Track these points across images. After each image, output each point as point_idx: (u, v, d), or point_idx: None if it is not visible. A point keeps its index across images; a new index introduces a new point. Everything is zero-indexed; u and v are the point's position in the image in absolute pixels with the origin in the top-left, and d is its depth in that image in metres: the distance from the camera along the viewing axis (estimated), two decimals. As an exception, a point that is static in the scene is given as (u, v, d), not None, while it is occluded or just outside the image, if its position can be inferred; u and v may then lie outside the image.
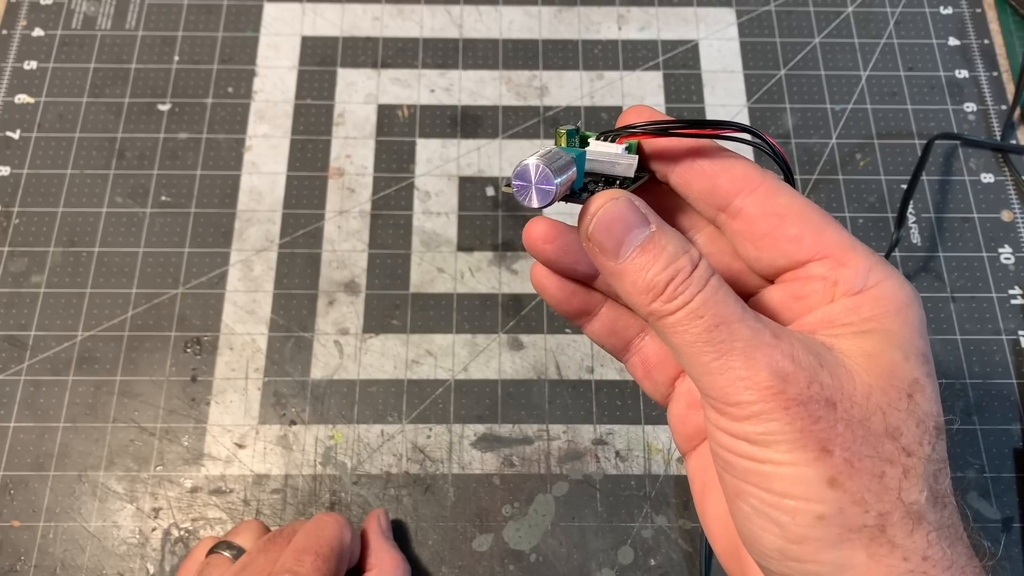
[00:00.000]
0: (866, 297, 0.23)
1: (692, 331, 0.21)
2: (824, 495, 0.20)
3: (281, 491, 0.42)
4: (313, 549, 0.34)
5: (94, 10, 0.54)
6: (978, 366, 0.45)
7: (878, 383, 0.21)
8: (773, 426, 0.20)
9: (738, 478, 0.22)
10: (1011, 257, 0.48)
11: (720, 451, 0.22)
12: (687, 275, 0.22)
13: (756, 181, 0.24)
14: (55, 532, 0.41)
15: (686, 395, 0.27)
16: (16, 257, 0.47)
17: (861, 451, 0.20)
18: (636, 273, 0.22)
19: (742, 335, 0.21)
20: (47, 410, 0.43)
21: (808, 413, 0.20)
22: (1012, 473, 0.43)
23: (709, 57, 0.53)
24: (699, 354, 0.21)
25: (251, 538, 0.37)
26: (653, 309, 0.22)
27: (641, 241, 0.22)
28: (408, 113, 0.52)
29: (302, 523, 0.37)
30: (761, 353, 0.21)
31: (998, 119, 0.51)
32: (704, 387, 0.22)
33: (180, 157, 0.50)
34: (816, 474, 0.20)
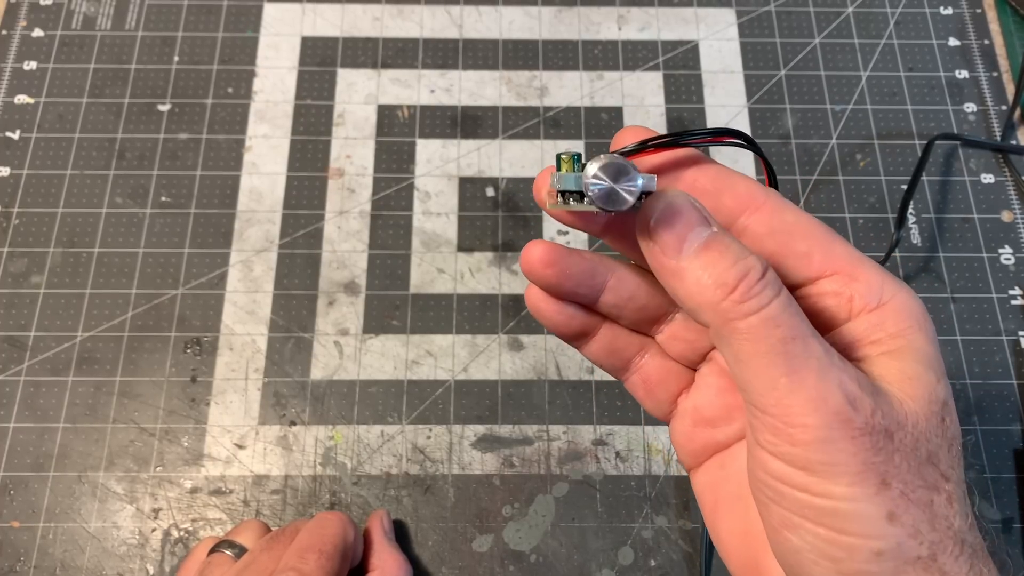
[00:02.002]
0: (887, 312, 0.22)
1: (767, 340, 0.20)
2: (884, 531, 0.19)
3: (281, 492, 0.42)
4: (317, 547, 0.34)
5: (94, 10, 0.54)
6: (978, 367, 0.45)
7: (921, 410, 0.21)
8: (837, 456, 0.19)
9: (789, 510, 0.21)
10: (1011, 258, 0.48)
11: (769, 480, 0.21)
12: (759, 275, 0.21)
13: (760, 199, 0.23)
14: (55, 533, 0.41)
15: (691, 412, 0.27)
16: (16, 258, 0.47)
17: (914, 482, 0.20)
18: (701, 271, 0.21)
19: (816, 352, 0.20)
20: (47, 411, 0.43)
21: (872, 444, 0.20)
22: (1012, 474, 0.43)
23: (709, 57, 0.53)
24: (769, 366, 0.20)
25: (253, 537, 0.37)
26: (724, 308, 0.21)
27: (704, 238, 0.21)
28: (408, 113, 0.51)
29: (304, 522, 0.37)
30: (833, 374, 0.20)
31: (998, 119, 0.51)
32: (765, 403, 0.20)
33: (180, 157, 0.50)
34: (877, 510, 0.19)
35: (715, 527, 0.26)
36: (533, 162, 0.50)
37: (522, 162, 0.50)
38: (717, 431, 0.26)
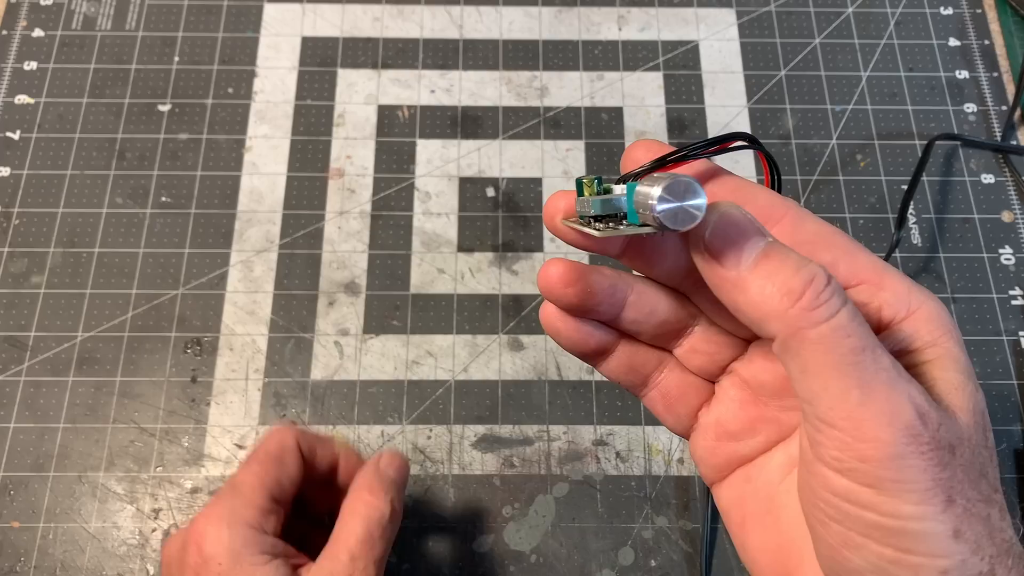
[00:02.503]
0: (919, 321, 0.22)
1: (837, 351, 0.19)
2: (950, 549, 0.19)
3: (281, 492, 0.42)
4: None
5: (94, 11, 0.54)
6: (979, 367, 0.45)
7: (972, 422, 0.20)
8: (908, 473, 0.19)
9: (852, 530, 0.20)
10: (1011, 258, 0.48)
11: (832, 499, 0.20)
12: (824, 283, 0.20)
13: (781, 210, 0.23)
14: (55, 533, 0.41)
15: (713, 426, 0.26)
16: (16, 258, 0.47)
17: (974, 496, 0.20)
18: (764, 280, 0.20)
19: (885, 364, 0.20)
20: (47, 411, 0.43)
21: (939, 460, 0.19)
22: (1013, 474, 0.43)
23: (709, 58, 0.53)
24: (841, 377, 0.19)
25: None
26: (793, 316, 0.20)
27: (762, 248, 0.21)
28: (408, 114, 0.51)
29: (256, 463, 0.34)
30: (902, 387, 0.19)
31: (998, 120, 0.51)
32: (835, 417, 0.20)
33: (180, 158, 0.50)
34: (944, 528, 0.19)
35: (744, 542, 0.25)
36: (533, 162, 0.50)
37: (522, 162, 0.50)
38: (741, 444, 0.25)
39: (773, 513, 0.24)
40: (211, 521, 0.31)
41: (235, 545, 0.30)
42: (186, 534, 0.31)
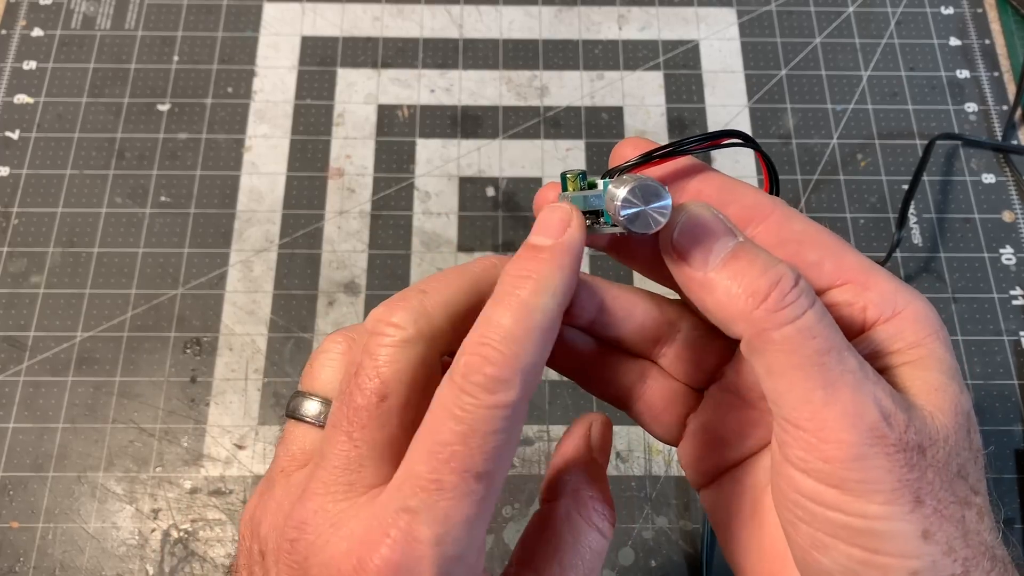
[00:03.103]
0: (904, 321, 0.22)
1: (801, 352, 0.19)
2: (919, 550, 0.19)
3: (281, 492, 0.42)
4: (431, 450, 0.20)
5: (93, 10, 0.54)
6: (979, 367, 0.45)
7: (951, 423, 0.20)
8: (873, 473, 0.19)
9: (820, 531, 0.20)
10: (1012, 258, 0.47)
11: (799, 499, 0.20)
12: (791, 284, 0.20)
13: (767, 208, 0.23)
14: (54, 533, 0.41)
15: (701, 433, 0.26)
16: (15, 257, 0.47)
17: (947, 498, 0.19)
18: (730, 280, 0.20)
19: (851, 366, 0.20)
20: (46, 411, 0.43)
21: (906, 460, 0.19)
22: (1014, 475, 0.43)
23: (710, 57, 0.53)
24: (805, 379, 0.19)
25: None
26: (758, 318, 0.20)
27: (731, 248, 0.21)
28: (408, 113, 0.51)
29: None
30: (868, 388, 0.19)
31: (999, 119, 0.51)
32: (798, 417, 0.20)
33: (180, 157, 0.50)
34: (912, 528, 0.19)
35: (730, 545, 0.25)
36: (533, 162, 0.50)
37: (522, 162, 0.50)
38: (729, 449, 0.25)
39: (758, 516, 0.24)
40: (411, 562, 0.19)
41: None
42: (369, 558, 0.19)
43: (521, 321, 0.20)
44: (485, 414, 0.19)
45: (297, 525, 0.20)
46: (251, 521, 0.22)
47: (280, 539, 0.21)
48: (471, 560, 0.20)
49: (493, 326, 0.20)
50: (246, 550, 0.22)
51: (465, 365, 0.19)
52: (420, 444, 0.20)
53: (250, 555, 0.22)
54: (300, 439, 0.23)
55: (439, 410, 0.20)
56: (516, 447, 0.21)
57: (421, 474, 0.19)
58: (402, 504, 0.19)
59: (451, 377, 0.20)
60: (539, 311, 0.20)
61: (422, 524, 0.19)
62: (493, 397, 0.19)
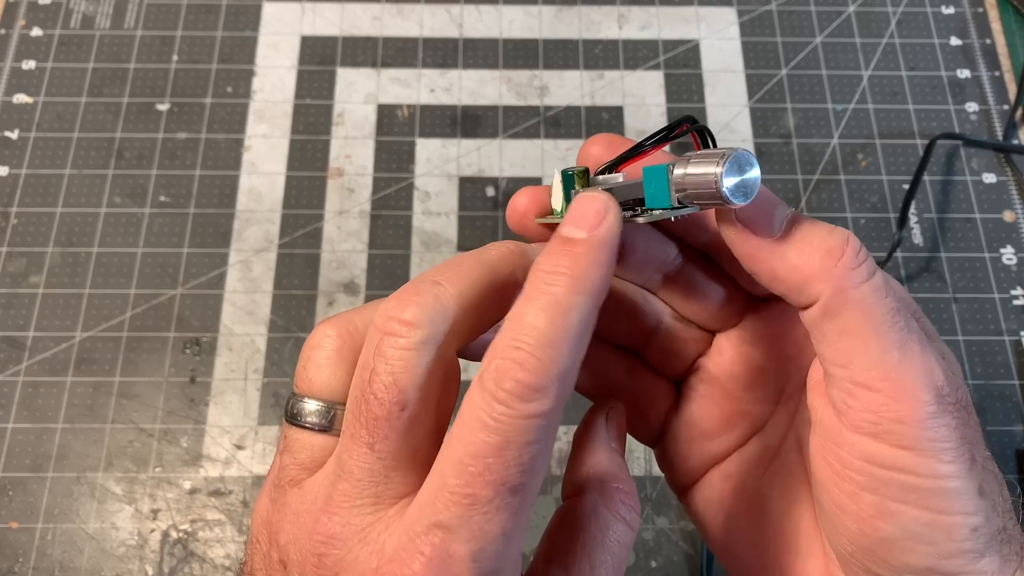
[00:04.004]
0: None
1: (878, 310, 0.19)
2: (977, 505, 0.19)
3: (280, 492, 0.42)
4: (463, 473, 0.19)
5: (93, 10, 0.54)
6: (980, 367, 0.45)
7: (964, 387, 0.21)
8: (944, 432, 0.19)
9: (888, 497, 0.20)
10: (1013, 258, 0.47)
11: (863, 466, 0.20)
12: (859, 244, 0.20)
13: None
14: (53, 534, 0.41)
15: (684, 429, 0.26)
16: (14, 257, 0.47)
17: (986, 455, 0.20)
18: (801, 243, 0.20)
19: (915, 327, 0.20)
20: (45, 411, 0.43)
21: (963, 418, 0.19)
22: (1015, 475, 0.42)
23: (710, 57, 0.53)
24: (880, 338, 0.19)
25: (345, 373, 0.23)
26: (837, 274, 0.19)
27: (790, 213, 0.20)
28: (408, 113, 0.51)
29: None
30: (931, 350, 0.19)
31: (1000, 119, 0.51)
32: (871, 377, 0.19)
33: (179, 157, 0.50)
34: (972, 485, 0.19)
35: (727, 543, 0.25)
36: (533, 162, 0.50)
37: (522, 162, 0.50)
38: (714, 443, 0.25)
39: (758, 507, 0.24)
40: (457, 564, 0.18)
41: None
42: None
43: (556, 322, 0.18)
44: (520, 424, 0.18)
45: (325, 540, 0.19)
46: (267, 526, 0.21)
47: (306, 552, 0.20)
48: (508, 574, 0.19)
49: (526, 328, 0.18)
50: (263, 555, 0.21)
51: (496, 370, 0.18)
52: (451, 455, 0.18)
53: (268, 561, 0.21)
54: (306, 446, 0.22)
55: (470, 419, 0.18)
56: (550, 455, 0.20)
57: (453, 488, 0.18)
58: (434, 519, 0.18)
59: (482, 383, 0.18)
60: (575, 311, 0.19)
61: (457, 541, 0.18)
62: (528, 406, 0.18)
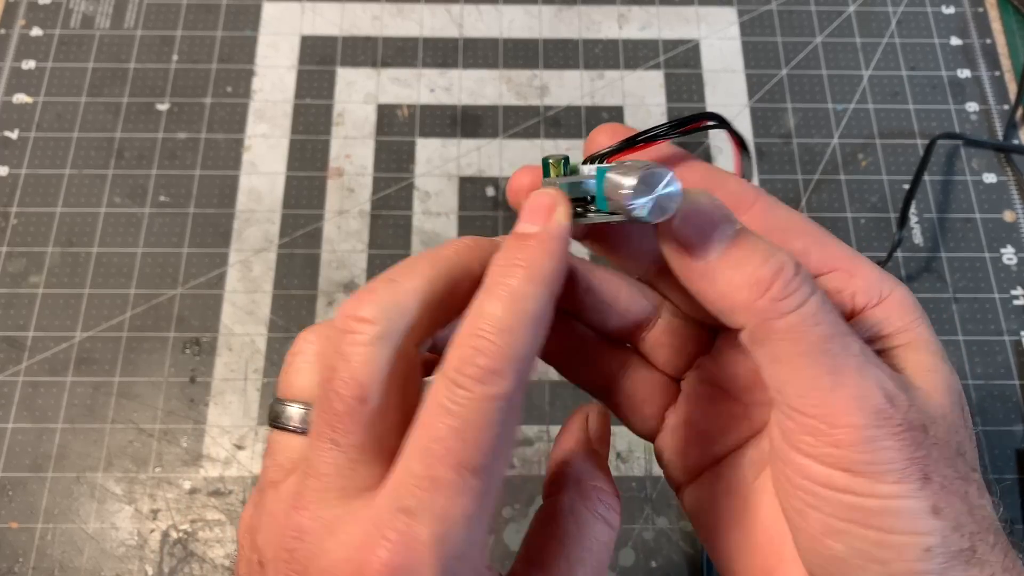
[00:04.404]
0: (890, 306, 0.22)
1: (807, 339, 0.19)
2: (930, 525, 0.19)
3: (280, 493, 0.42)
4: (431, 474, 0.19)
5: (92, 9, 0.54)
6: (980, 367, 0.45)
7: (946, 402, 0.21)
8: (883, 454, 0.19)
9: (833, 516, 0.20)
10: (1013, 258, 0.47)
11: (809, 485, 0.20)
12: (793, 272, 0.20)
13: (751, 197, 0.23)
14: (53, 534, 0.41)
15: (682, 426, 0.26)
16: (14, 257, 0.47)
17: (950, 474, 0.20)
18: (732, 269, 0.20)
19: (854, 350, 0.20)
20: (45, 411, 0.43)
21: (912, 439, 0.19)
22: (1014, 475, 0.42)
23: (710, 56, 0.53)
24: (810, 366, 0.19)
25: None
26: (760, 308, 0.20)
27: (731, 236, 0.20)
28: (408, 113, 0.51)
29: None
30: (871, 372, 0.20)
31: (1000, 119, 0.51)
32: (805, 404, 0.20)
33: (179, 157, 0.50)
34: (922, 505, 0.19)
35: (718, 545, 0.25)
36: (533, 162, 0.50)
37: (522, 162, 0.50)
38: (712, 443, 0.25)
39: (749, 511, 0.24)
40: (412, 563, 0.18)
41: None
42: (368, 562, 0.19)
43: (512, 311, 0.19)
44: (479, 406, 0.19)
45: (295, 535, 0.20)
46: (248, 531, 0.22)
47: (278, 549, 0.20)
48: (474, 557, 0.19)
49: (485, 317, 0.19)
50: (246, 559, 0.22)
51: (457, 358, 0.19)
52: (414, 442, 0.19)
53: (250, 565, 0.22)
54: (285, 448, 0.22)
55: (432, 406, 0.19)
56: (514, 441, 0.20)
57: (416, 472, 0.19)
58: (398, 504, 0.19)
59: (443, 372, 0.19)
60: (530, 299, 0.19)
61: (420, 524, 0.18)
62: (487, 388, 0.19)
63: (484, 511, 0.19)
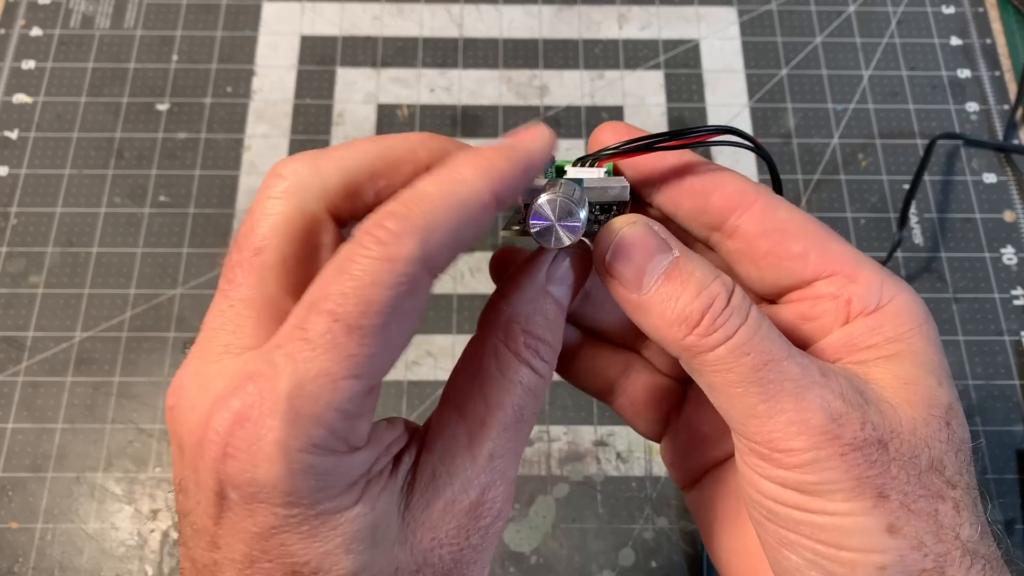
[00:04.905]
0: (885, 315, 0.21)
1: (736, 370, 0.20)
2: (884, 544, 0.19)
3: (280, 493, 0.42)
4: (327, 305, 0.18)
5: (92, 9, 0.54)
6: (980, 367, 0.45)
7: (920, 415, 0.20)
8: (829, 475, 0.19)
9: (785, 528, 0.20)
10: (1013, 258, 0.47)
11: (763, 500, 0.20)
12: (724, 304, 0.20)
13: (751, 196, 0.22)
14: (53, 534, 0.41)
15: (684, 430, 0.26)
16: (14, 257, 0.47)
17: (915, 491, 0.19)
18: (663, 304, 0.20)
19: (792, 374, 0.20)
20: (45, 411, 0.43)
21: (864, 458, 0.19)
22: (1014, 475, 0.42)
23: (710, 56, 0.53)
24: (744, 395, 0.20)
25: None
26: (688, 344, 0.20)
27: (665, 268, 0.20)
28: (408, 113, 0.51)
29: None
30: (813, 393, 0.19)
31: (1000, 119, 0.51)
32: (748, 432, 0.20)
33: (179, 157, 0.50)
34: (875, 523, 0.19)
35: (714, 545, 0.25)
36: (533, 162, 0.50)
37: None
38: (712, 447, 0.25)
39: (741, 516, 0.24)
40: (259, 415, 0.17)
41: (300, 487, 0.18)
42: (213, 424, 0.18)
43: (445, 191, 0.18)
44: (373, 265, 0.17)
45: (174, 390, 0.19)
46: None
47: (166, 409, 0.20)
48: (335, 425, 0.18)
49: (414, 189, 0.19)
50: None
51: (369, 221, 0.18)
52: (303, 299, 0.18)
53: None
54: None
55: (330, 265, 0.18)
56: (411, 328, 0.19)
57: (290, 322, 0.18)
58: (266, 356, 0.18)
59: (352, 235, 0.18)
60: (469, 187, 0.19)
61: (279, 377, 0.17)
62: (385, 249, 0.17)
63: (357, 377, 0.18)
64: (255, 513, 0.18)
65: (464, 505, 0.20)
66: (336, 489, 0.18)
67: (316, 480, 0.18)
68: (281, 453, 0.17)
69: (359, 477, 0.19)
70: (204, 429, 0.18)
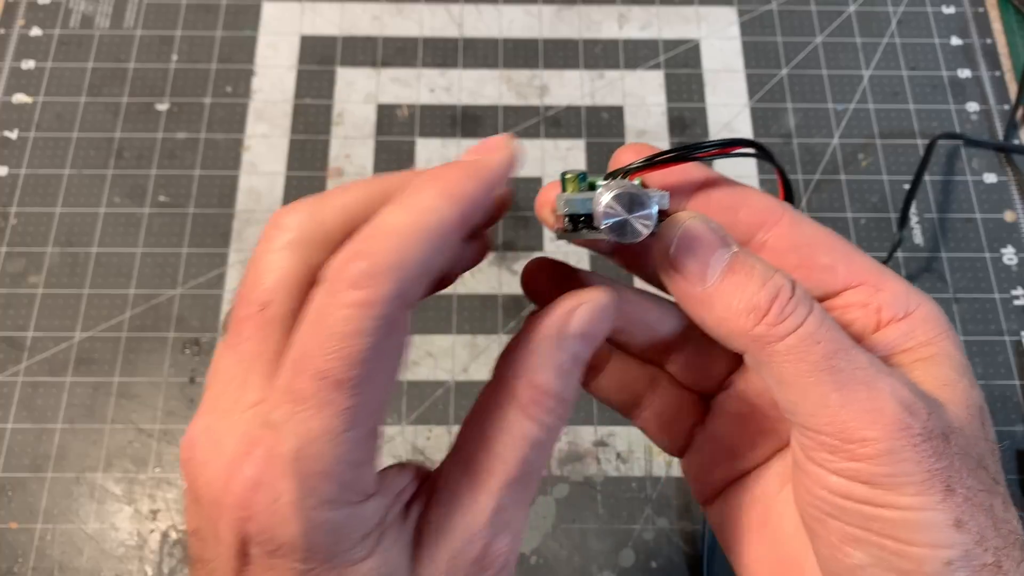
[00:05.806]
0: (916, 321, 0.22)
1: (809, 359, 0.19)
2: (952, 539, 0.19)
3: (280, 493, 0.42)
4: (313, 365, 0.18)
5: (92, 9, 0.54)
6: (981, 367, 0.45)
7: (965, 414, 0.20)
8: (902, 467, 0.19)
9: (852, 525, 0.20)
10: (1014, 258, 0.47)
11: (828, 496, 0.20)
12: (790, 294, 0.20)
13: (777, 213, 0.23)
14: (53, 534, 0.41)
15: (709, 444, 0.26)
16: (14, 257, 0.47)
17: (974, 486, 0.19)
18: (730, 295, 0.20)
19: (862, 362, 0.20)
20: (45, 411, 0.43)
21: (933, 450, 0.19)
22: (1015, 475, 0.42)
23: (710, 56, 0.53)
24: (817, 384, 0.19)
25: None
26: (759, 333, 0.20)
27: (727, 260, 0.20)
28: (408, 113, 0.51)
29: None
30: (883, 383, 0.19)
31: (1001, 119, 0.51)
32: (818, 424, 0.20)
33: (178, 157, 0.50)
34: (945, 517, 0.19)
35: (741, 556, 0.25)
36: (534, 162, 0.50)
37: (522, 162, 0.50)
38: (739, 459, 0.25)
39: (771, 524, 0.24)
40: (272, 479, 0.18)
41: (316, 543, 0.18)
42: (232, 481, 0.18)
43: (411, 221, 0.18)
44: (349, 314, 0.17)
45: (187, 445, 0.19)
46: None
47: (180, 463, 0.20)
48: (344, 477, 0.18)
49: (378, 224, 0.18)
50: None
51: (336, 263, 0.18)
52: (288, 354, 0.18)
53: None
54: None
55: (308, 316, 0.18)
56: (397, 363, 0.19)
57: (281, 385, 0.18)
58: (265, 419, 0.18)
59: (321, 280, 0.18)
60: (435, 213, 0.18)
61: (282, 440, 0.18)
62: (358, 293, 0.17)
63: (350, 427, 0.18)
64: (275, 568, 0.18)
65: (470, 558, 0.20)
66: (350, 541, 0.19)
67: (331, 534, 0.18)
68: (296, 513, 0.18)
69: (373, 528, 0.19)
70: (222, 492, 0.18)
